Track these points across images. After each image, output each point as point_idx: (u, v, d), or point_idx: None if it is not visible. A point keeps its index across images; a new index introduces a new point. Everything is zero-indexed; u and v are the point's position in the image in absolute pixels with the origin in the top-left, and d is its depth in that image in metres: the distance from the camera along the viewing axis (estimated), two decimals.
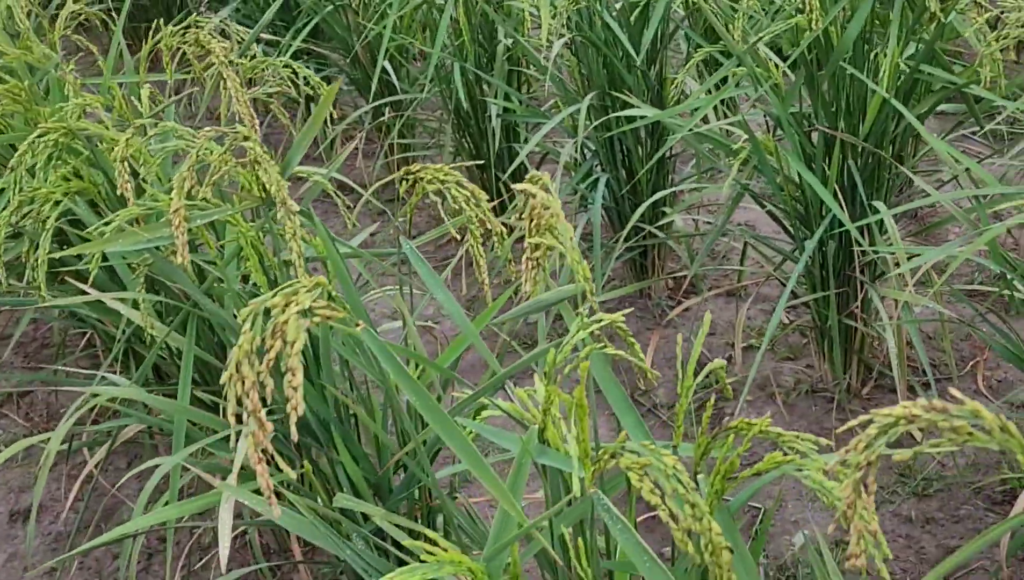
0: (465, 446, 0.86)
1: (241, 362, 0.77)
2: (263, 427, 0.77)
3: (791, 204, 2.10)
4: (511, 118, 2.72)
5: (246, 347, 0.77)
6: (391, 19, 2.66)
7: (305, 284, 0.79)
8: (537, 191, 1.00)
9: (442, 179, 1.32)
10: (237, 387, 0.78)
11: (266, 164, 1.20)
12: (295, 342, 0.76)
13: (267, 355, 0.77)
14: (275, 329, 0.77)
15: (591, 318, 0.98)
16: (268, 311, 0.79)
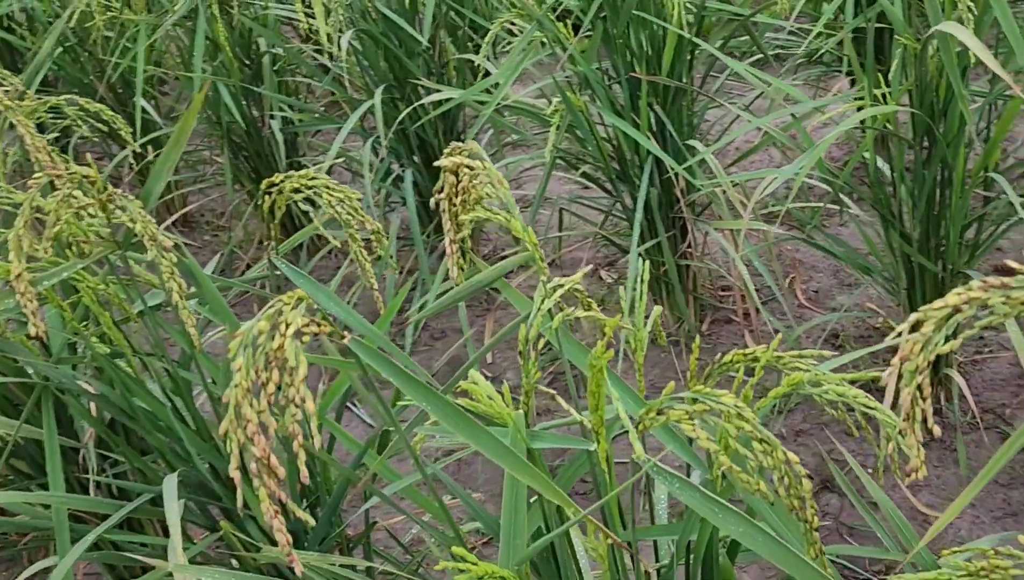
0: (471, 425, 0.78)
1: (240, 403, 0.65)
2: (275, 475, 0.66)
3: (607, 162, 2.11)
4: (296, 129, 2.58)
5: (244, 384, 0.65)
6: (143, 45, 2.46)
7: (286, 301, 0.68)
8: (462, 162, 0.92)
9: (308, 185, 1.21)
10: (239, 435, 0.66)
11: (122, 199, 1.05)
12: (298, 368, 0.65)
13: (265, 390, 0.66)
14: (269, 358, 0.66)
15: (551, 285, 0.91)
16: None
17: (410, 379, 0.77)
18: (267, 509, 0.67)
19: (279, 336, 0.67)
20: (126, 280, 1.25)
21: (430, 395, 0.77)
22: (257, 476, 0.67)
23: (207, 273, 1.23)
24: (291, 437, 0.67)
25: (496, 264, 0.97)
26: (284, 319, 0.67)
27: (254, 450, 0.66)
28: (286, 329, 0.67)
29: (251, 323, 0.68)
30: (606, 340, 0.78)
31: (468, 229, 1.00)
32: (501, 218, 0.92)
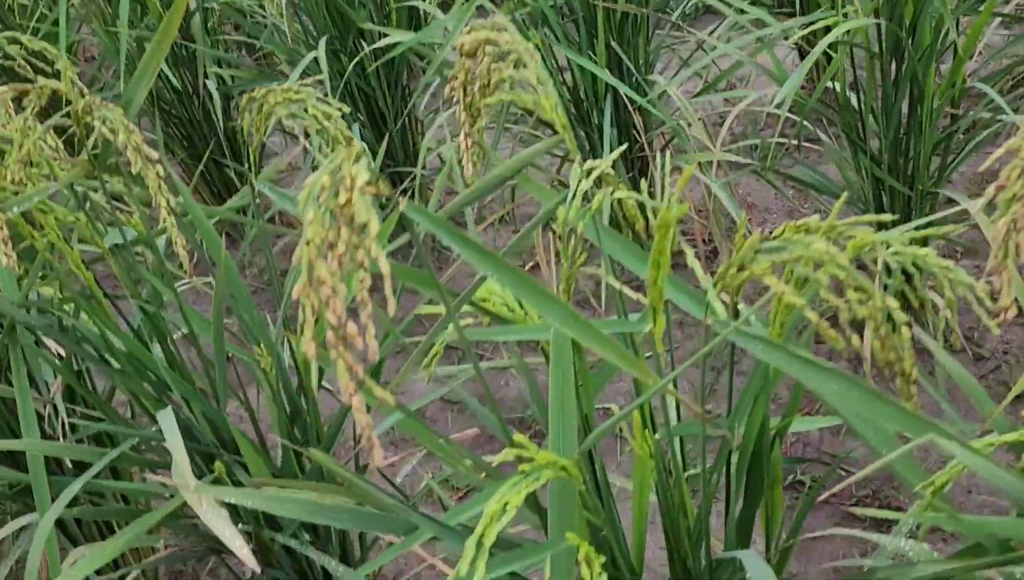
0: (537, 290, 0.72)
1: (315, 263, 0.58)
2: (349, 345, 0.59)
3: (565, 104, 2.06)
4: (231, 89, 2.48)
5: (317, 240, 0.58)
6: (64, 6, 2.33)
7: (345, 156, 0.61)
8: (485, 38, 0.85)
9: (293, 99, 1.13)
10: (313, 300, 0.59)
11: (102, 107, 0.96)
12: (370, 224, 0.58)
13: (335, 252, 0.59)
14: (336, 215, 0.59)
15: (586, 168, 0.85)
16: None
17: (472, 243, 0.71)
18: (345, 385, 0.60)
19: (344, 191, 0.60)
20: (97, 214, 1.16)
21: (495, 260, 0.71)
22: (334, 347, 0.60)
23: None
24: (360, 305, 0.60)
25: (514, 157, 0.91)
26: (348, 173, 0.60)
27: (329, 317, 0.59)
28: (352, 183, 0.60)
29: (315, 176, 0.60)
30: (678, 192, 0.72)
31: (486, 119, 0.93)
32: (529, 100, 0.86)
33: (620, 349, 0.72)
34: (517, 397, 2.08)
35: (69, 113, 1.02)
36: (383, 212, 2.35)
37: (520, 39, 0.84)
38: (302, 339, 0.61)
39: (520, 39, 0.84)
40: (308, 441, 1.32)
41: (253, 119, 1.15)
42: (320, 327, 0.61)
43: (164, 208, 0.97)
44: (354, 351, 0.61)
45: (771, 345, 0.69)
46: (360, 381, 0.62)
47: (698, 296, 0.82)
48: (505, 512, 0.71)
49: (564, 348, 0.83)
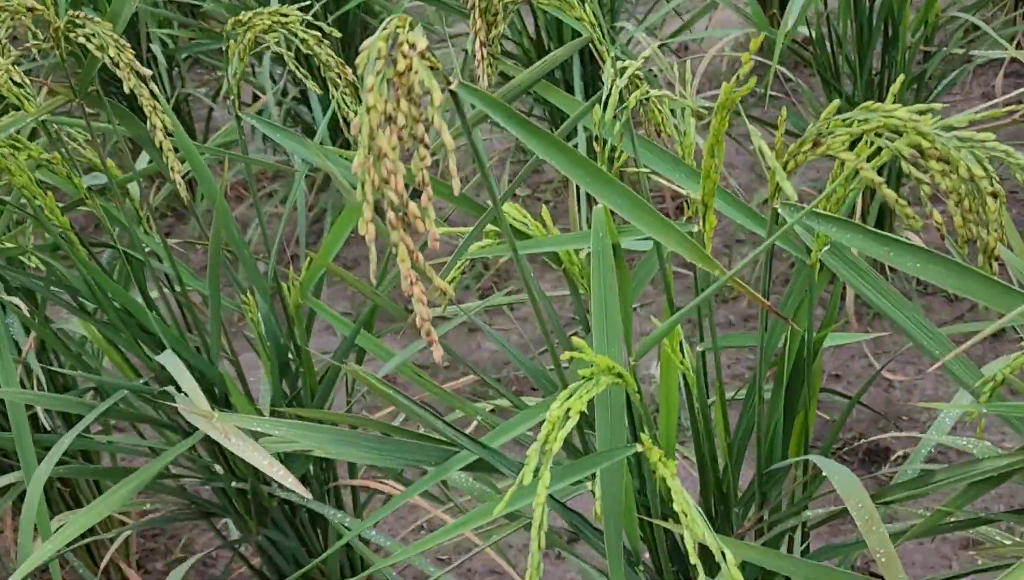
0: (595, 171, 0.67)
1: (375, 131, 0.53)
2: (410, 228, 0.54)
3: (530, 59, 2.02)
4: (174, 52, 2.38)
5: (380, 106, 0.53)
6: None
7: (399, 23, 0.56)
8: None
9: (283, 21, 1.07)
10: (373, 175, 0.53)
11: (88, 23, 0.89)
12: (433, 92, 0.53)
13: (395, 124, 0.53)
14: (396, 86, 0.54)
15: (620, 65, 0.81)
16: None
17: (525, 121, 0.66)
18: (406, 272, 0.55)
19: (403, 58, 0.55)
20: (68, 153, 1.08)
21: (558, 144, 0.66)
22: (395, 228, 0.55)
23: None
24: (419, 187, 0.55)
25: (540, 60, 0.86)
26: (405, 39, 0.55)
27: (391, 195, 0.54)
28: (410, 49, 0.55)
29: (372, 40, 0.55)
30: (742, 76, 0.68)
31: (503, 26, 0.89)
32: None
33: (694, 245, 0.68)
34: (490, 358, 2.04)
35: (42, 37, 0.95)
36: None
37: None
38: (360, 221, 0.56)
39: None
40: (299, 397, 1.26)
41: (239, 45, 1.08)
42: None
43: (160, 130, 0.90)
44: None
45: (846, 224, 0.65)
46: (420, 268, 0.57)
47: (740, 205, 0.79)
48: (568, 418, 0.67)
49: (606, 254, 0.78)
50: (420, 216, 0.56)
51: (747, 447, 0.91)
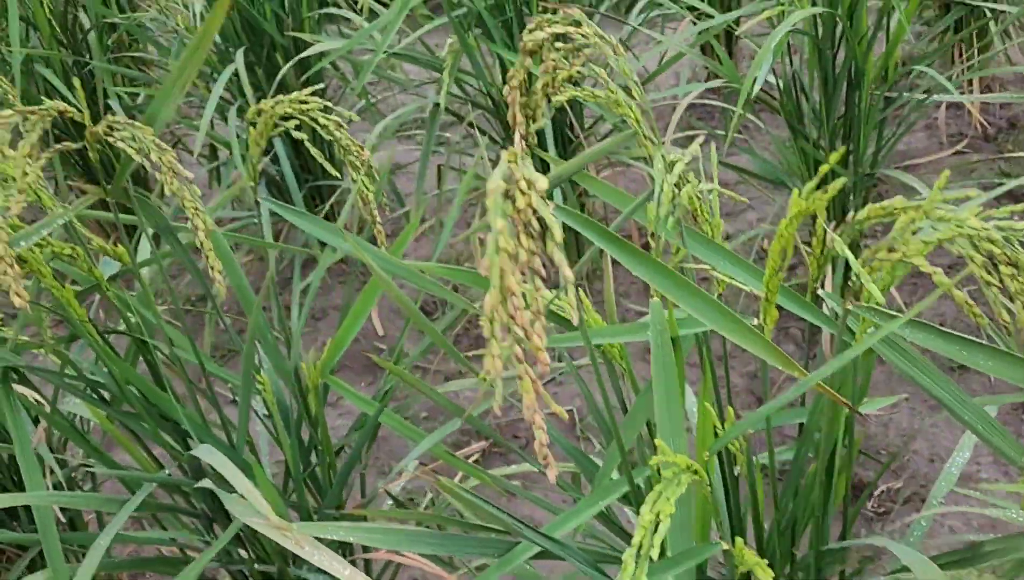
0: (665, 270, 0.70)
1: (505, 272, 0.54)
2: (531, 360, 0.55)
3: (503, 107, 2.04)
4: (135, 108, 2.35)
5: (510, 249, 0.54)
6: None
7: (510, 158, 0.57)
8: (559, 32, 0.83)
9: (302, 109, 1.07)
10: (501, 313, 0.54)
11: (127, 126, 0.88)
12: (554, 229, 0.54)
13: (516, 260, 0.55)
14: (517, 222, 0.55)
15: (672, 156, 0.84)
16: None
17: (615, 238, 0.68)
18: (530, 402, 0.57)
19: (522, 195, 0.56)
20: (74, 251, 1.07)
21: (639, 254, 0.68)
22: (520, 362, 0.56)
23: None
24: (519, 326, 0.57)
25: (583, 153, 0.88)
26: (523, 176, 0.57)
27: (516, 330, 0.55)
28: (529, 187, 0.56)
29: (495, 177, 0.56)
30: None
31: (542, 122, 0.91)
32: (602, 97, 0.84)
33: (772, 346, 0.70)
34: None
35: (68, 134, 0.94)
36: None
37: (598, 31, 0.81)
38: (486, 357, 0.57)
39: (598, 31, 0.81)
40: (316, 474, 1.26)
41: (257, 132, 1.08)
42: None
43: (201, 230, 0.90)
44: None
45: (919, 325, 0.68)
46: (540, 395, 0.59)
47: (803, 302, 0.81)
48: (659, 522, 0.68)
49: (667, 348, 0.81)
50: (540, 348, 0.57)
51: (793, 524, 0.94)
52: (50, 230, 0.94)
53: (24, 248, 0.93)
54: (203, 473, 1.14)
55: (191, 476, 1.13)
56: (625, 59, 0.81)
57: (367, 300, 1.13)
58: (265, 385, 1.22)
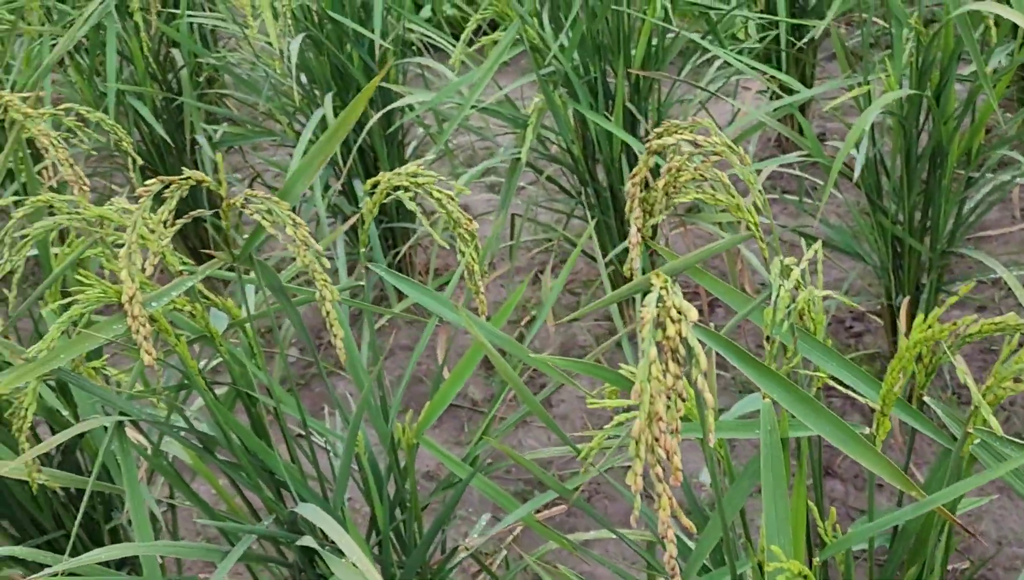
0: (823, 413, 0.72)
1: (655, 398, 0.57)
2: (670, 479, 0.58)
3: (584, 162, 2.08)
4: (232, 143, 2.42)
5: (660, 377, 0.57)
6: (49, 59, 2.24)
7: (659, 282, 0.60)
8: (682, 139, 0.86)
9: (418, 182, 1.11)
10: (647, 436, 0.57)
11: (263, 200, 0.93)
12: (700, 357, 0.57)
13: (664, 385, 0.58)
14: (666, 348, 0.58)
15: (784, 261, 0.86)
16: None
17: (754, 360, 0.71)
18: (665, 518, 0.59)
19: (672, 323, 0.59)
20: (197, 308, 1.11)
21: (776, 378, 0.71)
22: (661, 482, 0.59)
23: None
24: (663, 449, 0.60)
25: (698, 250, 0.91)
26: (674, 305, 0.60)
27: (660, 451, 0.58)
28: (679, 315, 0.59)
29: (649, 305, 0.60)
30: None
31: (662, 217, 0.94)
32: (723, 200, 0.87)
33: (884, 459, 0.73)
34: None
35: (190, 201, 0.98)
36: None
37: (727, 141, 0.84)
38: (629, 474, 0.60)
39: (727, 141, 0.84)
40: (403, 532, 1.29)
41: (374, 200, 1.13)
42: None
43: (328, 301, 0.94)
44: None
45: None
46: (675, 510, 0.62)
47: (920, 417, 0.84)
48: None
49: (775, 448, 0.83)
50: (679, 468, 0.60)
51: None
52: (180, 292, 0.98)
53: (157, 308, 0.97)
54: (297, 524, 1.17)
55: (286, 527, 1.17)
56: (751, 167, 0.84)
57: (467, 366, 1.17)
58: (359, 442, 1.25)
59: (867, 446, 0.75)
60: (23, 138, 1.25)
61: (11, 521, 1.48)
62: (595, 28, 1.96)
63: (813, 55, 2.75)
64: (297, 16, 2.13)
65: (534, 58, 1.98)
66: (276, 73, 2.22)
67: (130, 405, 1.10)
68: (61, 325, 0.94)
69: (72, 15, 2.34)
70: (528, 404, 0.91)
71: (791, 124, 2.75)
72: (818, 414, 0.78)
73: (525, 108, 2.05)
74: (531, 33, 1.95)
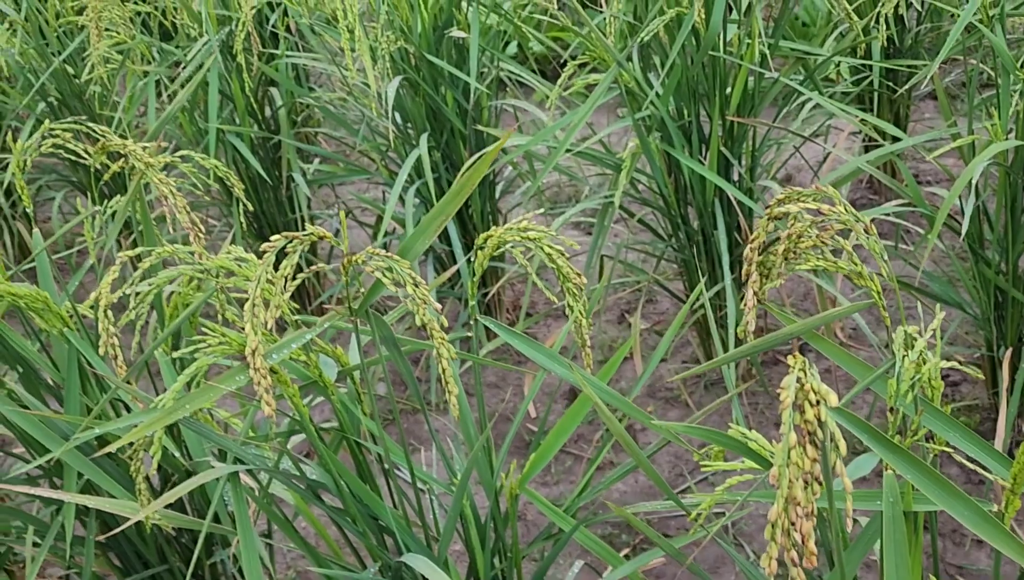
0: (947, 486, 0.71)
1: (794, 483, 0.57)
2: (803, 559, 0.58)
3: (677, 207, 2.08)
4: (326, 180, 2.47)
5: (799, 461, 0.57)
6: (154, 98, 2.32)
7: (797, 365, 0.60)
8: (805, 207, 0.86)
9: (532, 237, 1.12)
10: (784, 519, 0.58)
11: (384, 258, 0.95)
12: (839, 442, 0.57)
13: (801, 468, 0.58)
14: (803, 431, 0.58)
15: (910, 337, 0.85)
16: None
17: (895, 446, 0.70)
18: None
19: (811, 407, 0.59)
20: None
21: (918, 463, 0.70)
22: (794, 565, 0.59)
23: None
24: (799, 533, 0.60)
25: (818, 316, 0.91)
26: (812, 387, 0.60)
27: (795, 535, 0.58)
28: (817, 397, 0.59)
29: (788, 389, 0.60)
30: None
31: (778, 281, 0.94)
32: (844, 267, 0.86)
33: (1012, 538, 0.71)
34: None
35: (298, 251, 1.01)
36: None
37: (852, 212, 0.84)
38: (764, 557, 0.60)
39: (852, 212, 0.84)
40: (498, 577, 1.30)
41: (485, 253, 1.14)
42: None
43: (445, 359, 0.95)
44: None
45: None
46: None
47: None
48: None
49: (899, 520, 0.82)
50: (815, 552, 0.60)
51: None
52: (299, 345, 1.00)
53: (279, 360, 0.99)
54: (401, 572, 1.19)
55: (391, 575, 1.18)
56: (877, 239, 0.84)
57: (574, 417, 1.18)
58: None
59: (998, 526, 0.74)
60: (142, 185, 1.30)
61: (117, 553, 1.52)
62: (692, 73, 1.96)
63: (908, 94, 2.72)
64: (395, 58, 2.17)
65: (629, 102, 1.99)
66: (372, 113, 2.26)
67: (245, 451, 1.13)
68: (187, 377, 0.97)
69: (176, 54, 2.42)
70: (644, 469, 0.91)
71: (886, 166, 2.72)
72: (945, 490, 0.77)
73: (609, 140, 2.06)
74: (627, 77, 1.96)
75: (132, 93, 2.47)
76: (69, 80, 2.56)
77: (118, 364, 1.09)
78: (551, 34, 3.72)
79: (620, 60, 1.87)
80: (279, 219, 2.62)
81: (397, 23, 2.20)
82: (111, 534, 1.27)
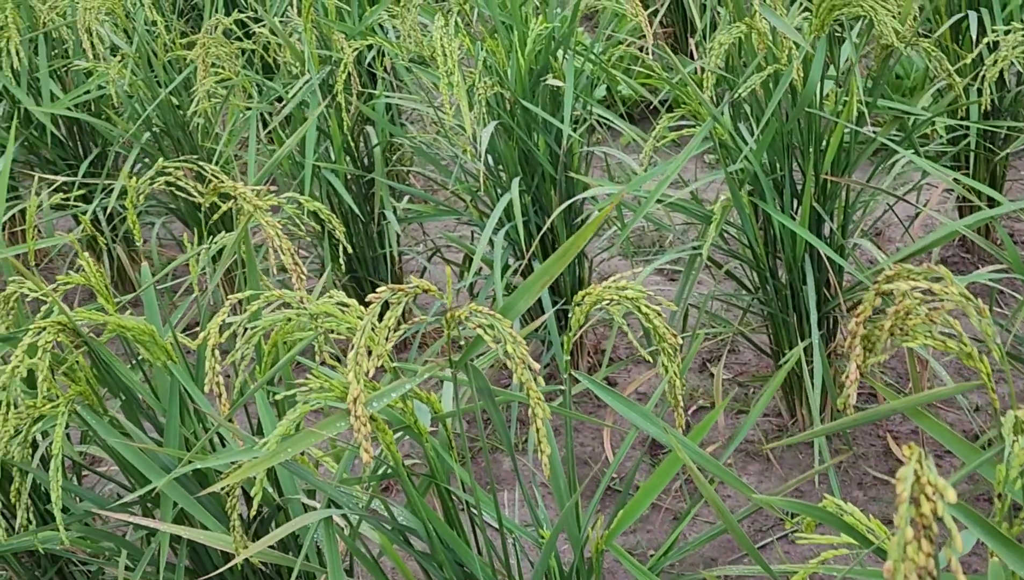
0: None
1: (908, 577, 0.57)
2: None
3: (766, 260, 2.07)
4: (417, 219, 2.51)
5: (915, 558, 0.57)
6: (255, 133, 2.38)
7: (909, 453, 0.60)
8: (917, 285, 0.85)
9: (630, 296, 1.13)
10: None
11: (485, 315, 0.96)
12: (955, 540, 0.57)
13: (915, 563, 0.58)
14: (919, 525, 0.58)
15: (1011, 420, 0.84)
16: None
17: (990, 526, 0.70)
18: None
19: (927, 501, 0.59)
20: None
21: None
22: None
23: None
24: None
25: (925, 393, 0.90)
26: (928, 480, 0.60)
27: None
28: (934, 494, 0.59)
29: (905, 482, 0.60)
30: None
31: (883, 357, 0.93)
32: (954, 348, 0.86)
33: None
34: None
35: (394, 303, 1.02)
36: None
37: (963, 290, 0.83)
38: None
39: (963, 290, 0.83)
40: None
41: (583, 310, 1.15)
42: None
43: (539, 418, 0.96)
44: None
45: None
46: None
47: None
48: None
49: None
50: None
51: None
52: (400, 394, 1.02)
53: (379, 408, 1.01)
54: None
55: None
56: (990, 322, 0.83)
57: (664, 476, 1.18)
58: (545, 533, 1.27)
59: None
60: (248, 228, 1.34)
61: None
62: (787, 129, 1.96)
63: (1006, 155, 2.67)
64: (491, 104, 2.20)
65: (721, 155, 1.99)
66: (465, 156, 2.29)
67: (339, 492, 1.15)
68: (290, 423, 1.00)
69: (277, 90, 2.48)
70: (735, 534, 0.91)
71: (981, 226, 2.67)
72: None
73: (693, 184, 2.06)
74: (720, 131, 1.97)
75: (233, 127, 2.54)
76: (174, 111, 2.64)
77: (222, 402, 1.12)
78: (639, 80, 3.74)
79: (716, 115, 1.88)
80: (367, 253, 2.67)
81: (494, 68, 2.23)
82: (209, 577, 1.30)
